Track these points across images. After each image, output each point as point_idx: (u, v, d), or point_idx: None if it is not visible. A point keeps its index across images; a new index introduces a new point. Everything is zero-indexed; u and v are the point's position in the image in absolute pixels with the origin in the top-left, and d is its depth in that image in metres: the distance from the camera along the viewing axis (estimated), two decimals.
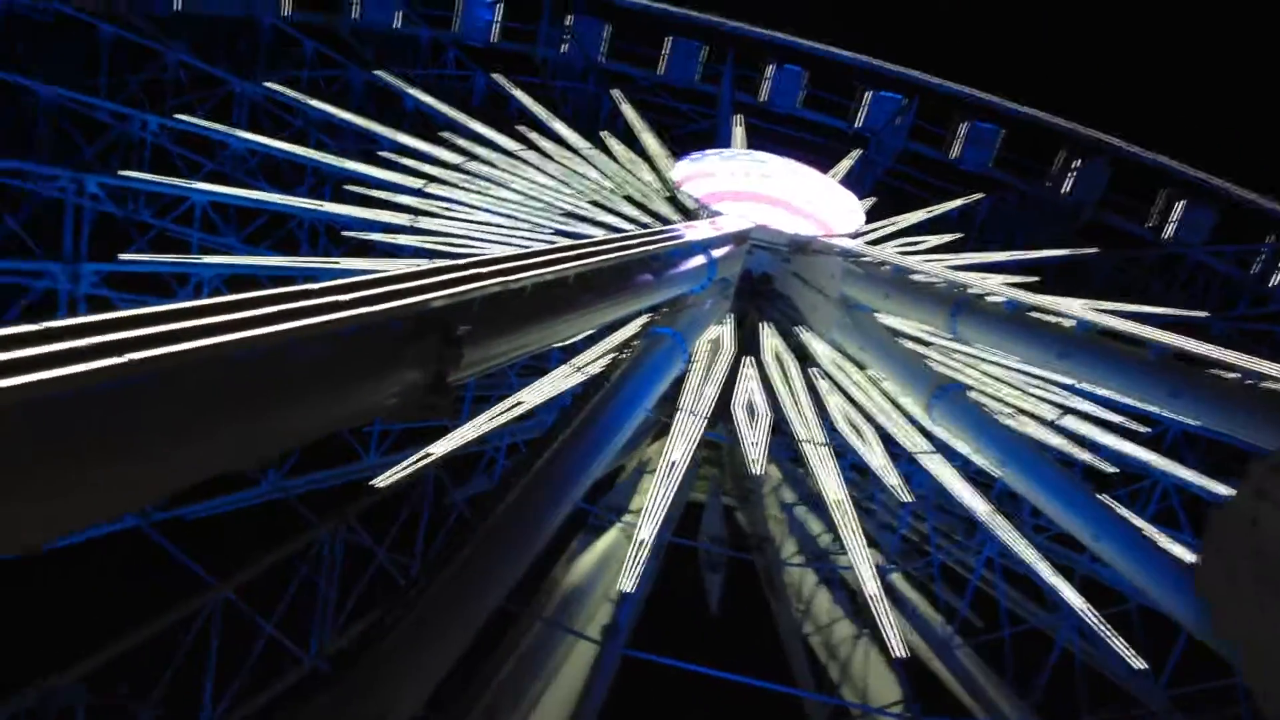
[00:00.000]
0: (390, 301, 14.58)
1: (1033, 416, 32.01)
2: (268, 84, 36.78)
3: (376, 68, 41.24)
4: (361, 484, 28.52)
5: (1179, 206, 44.61)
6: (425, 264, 18.68)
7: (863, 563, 28.15)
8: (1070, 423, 32.39)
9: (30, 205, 29.44)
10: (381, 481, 27.63)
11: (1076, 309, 29.80)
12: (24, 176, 29.29)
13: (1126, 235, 44.66)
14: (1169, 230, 44.80)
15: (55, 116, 30.34)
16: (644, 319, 28.97)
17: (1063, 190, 46.54)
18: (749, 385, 31.07)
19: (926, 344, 33.05)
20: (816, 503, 33.61)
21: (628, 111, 42.36)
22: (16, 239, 29.64)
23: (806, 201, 36.28)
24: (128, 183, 31.00)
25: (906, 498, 30.36)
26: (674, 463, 27.85)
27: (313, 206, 32.67)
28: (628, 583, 26.45)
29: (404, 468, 27.72)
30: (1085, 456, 31.93)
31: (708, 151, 37.24)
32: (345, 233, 32.69)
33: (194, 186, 31.88)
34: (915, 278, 31.24)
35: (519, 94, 42.09)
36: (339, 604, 26.31)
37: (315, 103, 36.81)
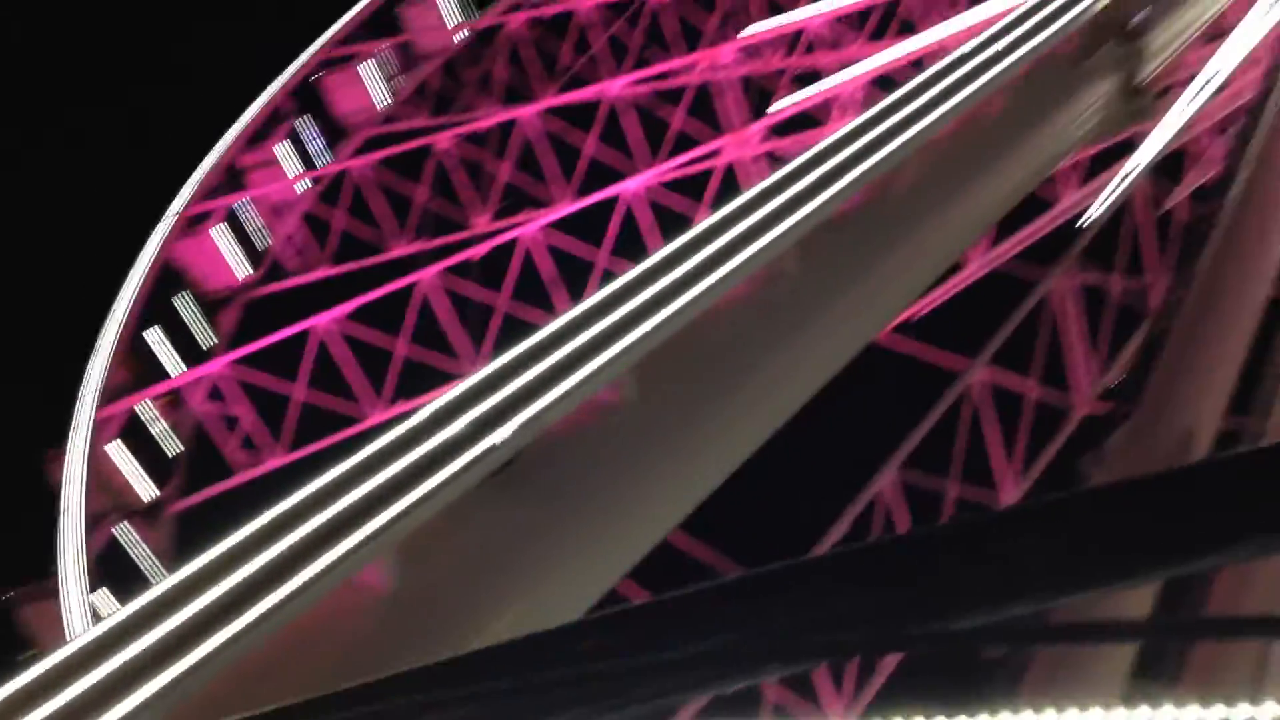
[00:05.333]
0: (1049, 27, 13.72)
1: None
2: None
3: None
4: (1065, 227, 27.60)
5: None
6: None
7: None
8: None
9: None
10: (1090, 217, 26.24)
11: None
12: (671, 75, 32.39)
13: None
14: None
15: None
16: None
17: None
18: None
19: None
20: None
21: None
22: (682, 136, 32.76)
23: None
24: (751, 41, 32.72)
25: None
26: None
27: None
28: None
29: (1110, 195, 25.95)
30: None
31: None
32: None
33: (803, 14, 32.61)
34: None
35: None
36: (1093, 345, 25.92)
37: None
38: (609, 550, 10.43)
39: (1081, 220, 26.39)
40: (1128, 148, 26.24)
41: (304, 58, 34.01)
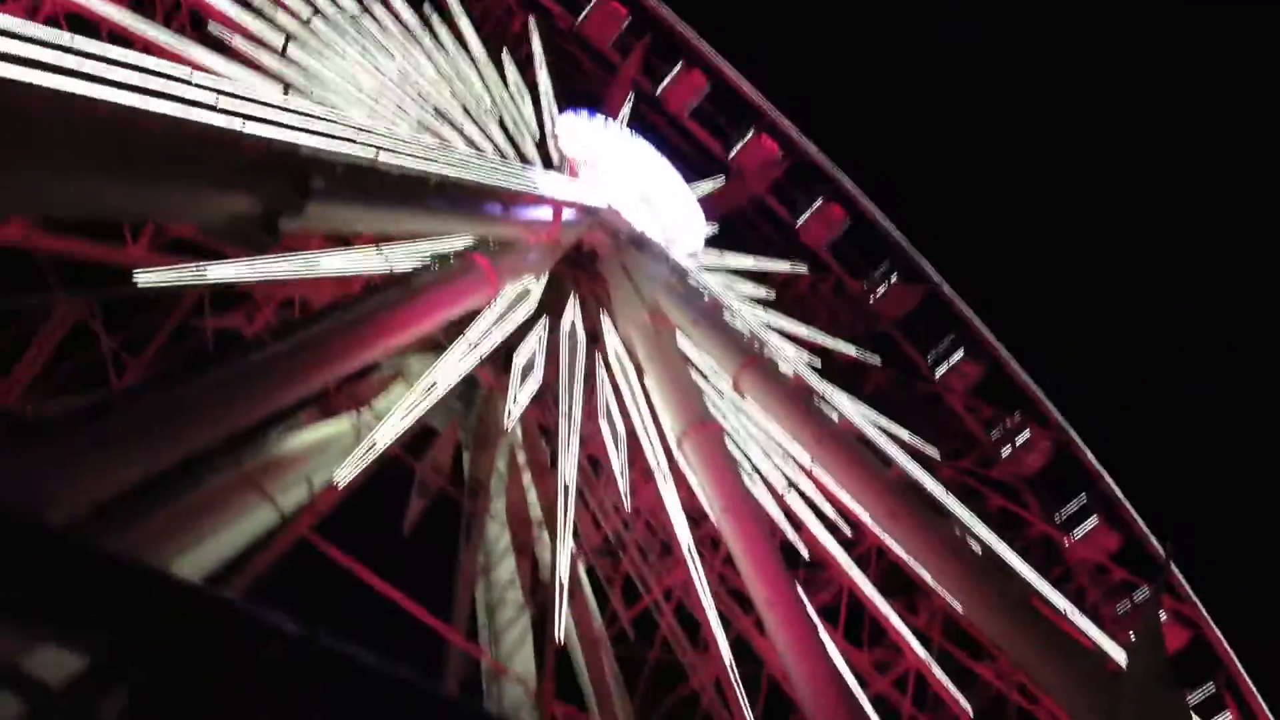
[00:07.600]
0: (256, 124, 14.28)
1: (765, 480, 33.19)
2: None
3: None
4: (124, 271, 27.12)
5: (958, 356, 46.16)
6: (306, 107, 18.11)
7: (562, 549, 28.93)
8: (793, 499, 33.49)
9: None
10: (142, 278, 25.81)
11: (848, 409, 31.64)
12: None
13: (909, 361, 45.98)
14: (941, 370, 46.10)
15: None
16: (470, 243, 28.82)
17: (874, 297, 47.20)
18: (535, 344, 31.37)
19: (707, 377, 33.65)
20: (544, 474, 34.31)
21: (535, 44, 41.16)
22: None
23: (661, 201, 36.74)
24: None
25: (625, 505, 31.42)
26: (434, 384, 27.95)
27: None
28: (342, 475, 26.39)
29: (173, 279, 25.73)
30: (790, 534, 33.33)
31: (595, 115, 37.16)
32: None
33: None
34: (728, 317, 32.29)
35: None
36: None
37: None
38: None
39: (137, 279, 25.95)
40: None
41: None
